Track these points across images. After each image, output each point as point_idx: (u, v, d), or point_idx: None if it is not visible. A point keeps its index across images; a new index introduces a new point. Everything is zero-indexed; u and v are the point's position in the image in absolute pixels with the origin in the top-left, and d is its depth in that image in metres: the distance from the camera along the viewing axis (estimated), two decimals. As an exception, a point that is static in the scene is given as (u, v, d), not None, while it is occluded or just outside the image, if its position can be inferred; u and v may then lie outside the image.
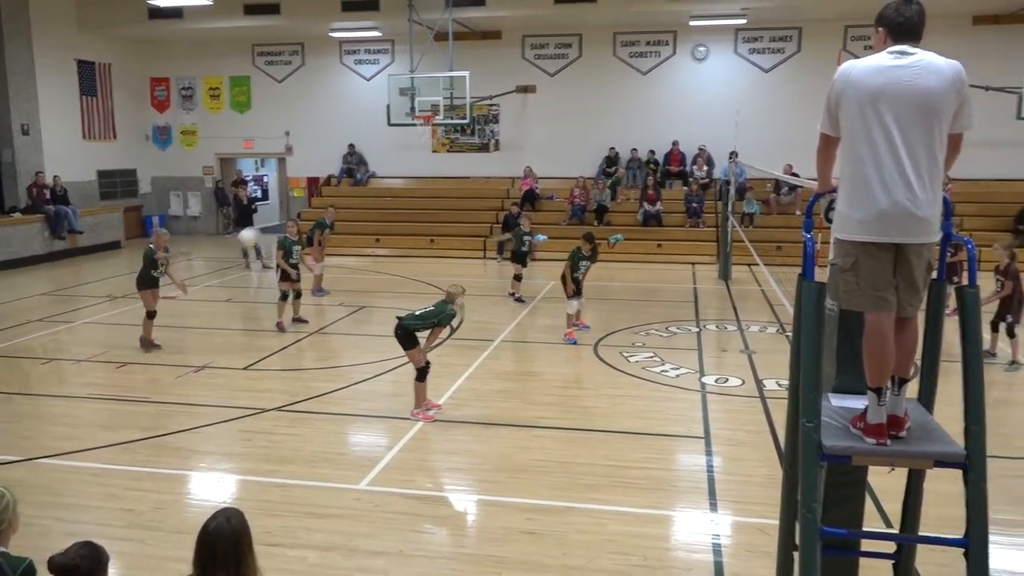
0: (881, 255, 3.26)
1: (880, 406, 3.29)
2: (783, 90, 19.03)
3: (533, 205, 19.28)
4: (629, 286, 14.83)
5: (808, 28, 18.96)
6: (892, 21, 3.29)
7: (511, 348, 10.22)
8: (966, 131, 3.31)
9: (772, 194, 18.68)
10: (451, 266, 16.58)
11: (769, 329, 11.12)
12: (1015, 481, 6.03)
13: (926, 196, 3.19)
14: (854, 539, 3.92)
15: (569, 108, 20.30)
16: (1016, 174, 18.28)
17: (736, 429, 7.22)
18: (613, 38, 20.08)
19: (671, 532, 5.37)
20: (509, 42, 20.43)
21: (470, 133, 21.11)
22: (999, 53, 16.91)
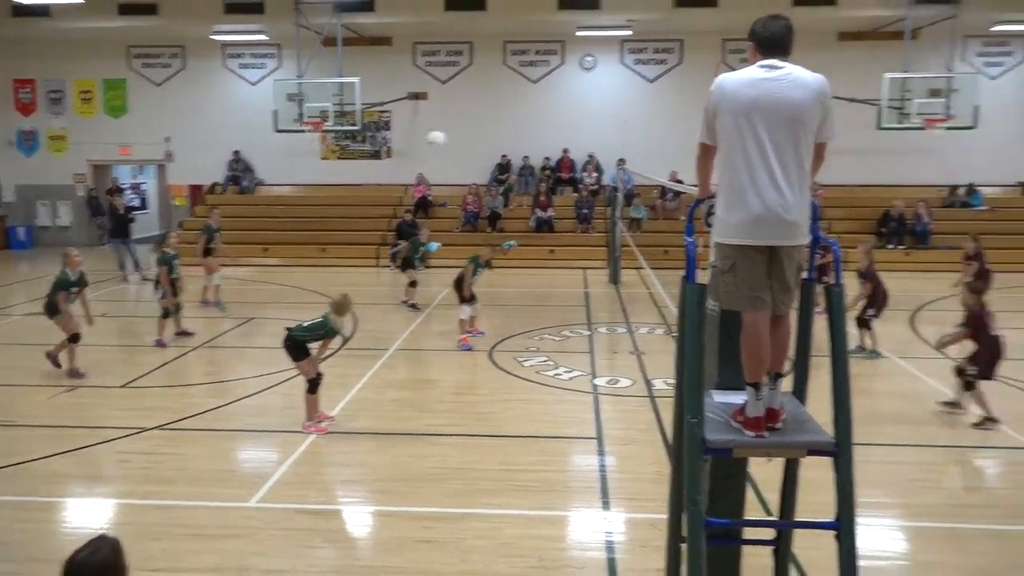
0: (756, 257, 3.44)
1: (758, 400, 3.46)
2: (667, 100, 19.74)
3: (426, 212, 19.22)
4: (522, 291, 15.00)
5: (689, 41, 19.75)
6: (760, 35, 3.48)
7: (405, 356, 10.15)
8: (829, 140, 3.54)
9: (658, 200, 19.32)
10: (343, 275, 16.31)
11: (657, 330, 11.48)
12: (881, 466, 6.44)
13: (795, 201, 3.39)
14: (737, 528, 4.10)
15: (461, 115, 20.37)
16: (878, 180, 19.62)
17: (627, 428, 7.41)
18: (503, 46, 20.30)
19: (566, 532, 5.46)
20: (400, 48, 20.32)
21: (361, 140, 20.85)
22: (862, 67, 18.10)
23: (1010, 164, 19.61)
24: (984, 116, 17.26)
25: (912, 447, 6.94)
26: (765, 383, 3.49)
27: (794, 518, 3.96)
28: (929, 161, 19.36)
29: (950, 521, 5.49)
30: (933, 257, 17.31)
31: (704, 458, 3.44)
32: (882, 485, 6.08)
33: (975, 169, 19.45)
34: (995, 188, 19.63)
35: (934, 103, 16.46)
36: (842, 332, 3.52)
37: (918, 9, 16.38)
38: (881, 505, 5.74)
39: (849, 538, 3.27)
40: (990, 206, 19.05)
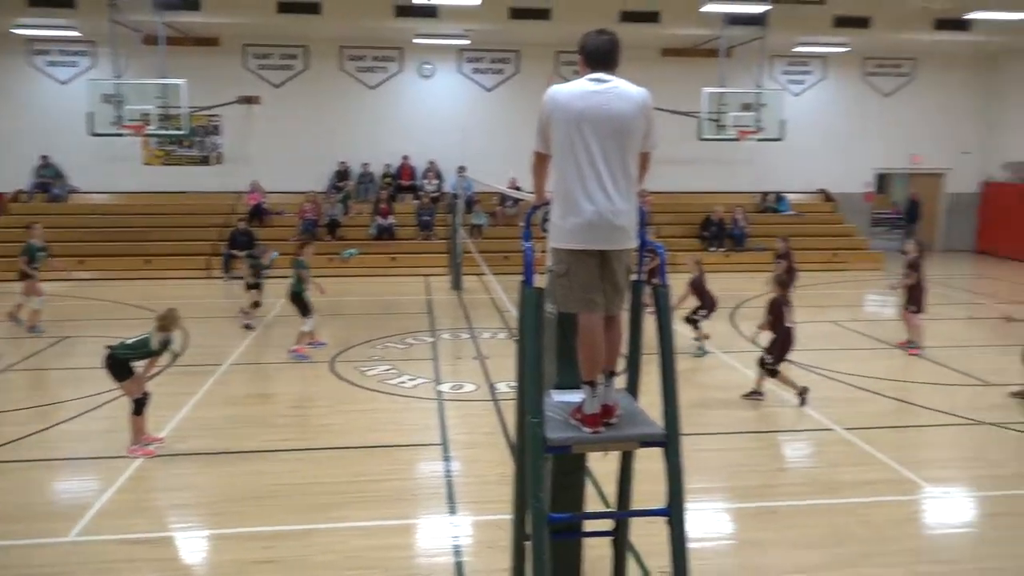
0: (589, 261, 3.60)
1: (594, 398, 3.62)
2: (505, 108, 20.13)
3: (261, 221, 18.50)
4: (365, 300, 14.79)
5: (525, 51, 20.26)
6: (588, 49, 3.66)
7: (241, 371, 9.72)
8: (653, 150, 3.77)
9: (498, 207, 19.66)
10: (171, 288, 15.40)
11: (499, 335, 11.68)
12: (707, 454, 6.90)
13: (624, 207, 3.57)
14: (577, 522, 4.26)
15: (297, 121, 19.80)
16: (699, 187, 20.98)
17: (471, 432, 7.49)
18: (340, 51, 19.94)
19: (413, 540, 5.45)
20: (229, 50, 19.44)
21: (188, 145, 19.76)
22: (683, 82, 19.27)
23: (812, 173, 21.58)
24: (789, 129, 18.90)
25: (735, 434, 7.48)
26: (600, 381, 3.66)
27: (630, 508, 4.16)
28: (744, 170, 20.96)
29: (769, 500, 5.96)
30: (749, 258, 18.73)
31: (545, 456, 3.55)
32: (709, 471, 6.51)
33: (783, 177, 21.26)
34: (800, 195, 21.53)
35: (746, 116, 17.82)
36: (669, 330, 3.75)
37: (731, 29, 17.67)
38: (708, 490, 6.15)
39: (679, 523, 3.48)
40: (796, 211, 20.89)
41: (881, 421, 7.79)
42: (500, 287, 13.08)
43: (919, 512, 5.87)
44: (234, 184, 19.67)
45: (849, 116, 21.59)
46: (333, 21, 17.42)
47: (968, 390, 8.88)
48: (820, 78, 21.56)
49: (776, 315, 8.18)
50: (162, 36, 16.28)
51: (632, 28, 17.64)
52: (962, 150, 22.02)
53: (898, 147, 21.82)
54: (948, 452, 7.07)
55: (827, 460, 6.88)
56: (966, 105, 21.87)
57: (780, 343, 8.14)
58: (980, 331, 12.33)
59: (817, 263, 18.38)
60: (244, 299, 12.32)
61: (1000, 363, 9.92)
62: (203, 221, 18.77)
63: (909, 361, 10.27)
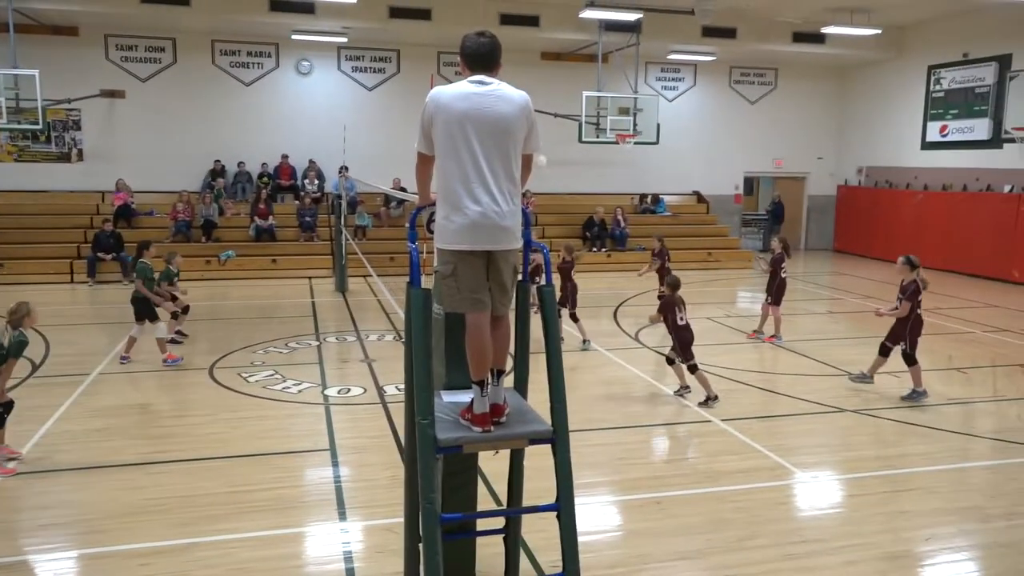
0: (475, 262, 3.64)
1: (483, 397, 3.66)
2: (386, 108, 19.93)
3: (129, 222, 17.54)
4: (244, 304, 14.30)
5: (405, 51, 20.12)
6: (468, 51, 3.71)
7: (112, 381, 9.17)
8: (535, 152, 3.85)
9: (383, 207, 19.44)
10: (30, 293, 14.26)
11: (387, 337, 11.56)
12: (595, 449, 7.08)
13: (508, 208, 3.63)
14: (470, 520, 4.29)
15: (166, 117, 18.89)
16: (581, 188, 21.51)
17: (360, 436, 7.39)
18: (212, 45, 19.16)
19: (302, 549, 5.32)
20: (89, 40, 18.31)
21: (45, 140, 18.48)
22: (563, 85, 19.72)
23: (686, 175, 22.55)
24: (664, 133, 19.68)
25: (620, 428, 7.71)
26: (488, 380, 3.70)
27: (522, 505, 4.23)
28: (623, 172, 21.64)
29: (655, 491, 6.19)
30: (630, 258, 19.35)
31: (436, 457, 3.56)
32: (596, 466, 6.69)
33: (660, 179, 22.10)
34: (676, 196, 22.43)
35: (623, 120, 18.42)
36: (555, 328, 3.85)
37: (608, 36, 18.21)
38: (596, 484, 6.32)
39: (569, 517, 3.57)
40: (672, 212, 21.75)
41: (755, 411, 8.23)
42: (386, 289, 12.94)
43: (791, 496, 6.25)
44: (98, 183, 18.58)
45: (719, 122, 22.69)
46: (203, 13, 16.75)
47: (830, 380, 9.52)
48: (691, 85, 22.53)
49: (667, 314, 8.43)
50: (11, 22, 15.15)
51: (512, 31, 17.91)
52: (818, 156, 23.58)
53: (763, 152, 23.14)
54: (816, 439, 7.54)
55: (707, 451, 7.20)
56: (823, 113, 23.45)
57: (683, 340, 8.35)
58: (839, 324, 13.23)
59: (692, 262, 19.21)
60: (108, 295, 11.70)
61: (857, 353, 10.70)
62: (65, 222, 17.61)
63: (777, 353, 10.90)
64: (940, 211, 19.59)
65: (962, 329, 12.55)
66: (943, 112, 19.61)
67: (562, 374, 3.73)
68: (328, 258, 17.47)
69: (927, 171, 20.23)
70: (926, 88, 20.07)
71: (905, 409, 8.30)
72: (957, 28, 18.95)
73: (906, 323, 8.48)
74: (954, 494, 6.22)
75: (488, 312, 3.72)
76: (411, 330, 3.68)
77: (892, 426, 7.85)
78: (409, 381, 3.83)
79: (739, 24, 19.25)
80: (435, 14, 17.58)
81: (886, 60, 21.12)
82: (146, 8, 16.27)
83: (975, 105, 18.65)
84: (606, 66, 19.00)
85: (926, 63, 19.99)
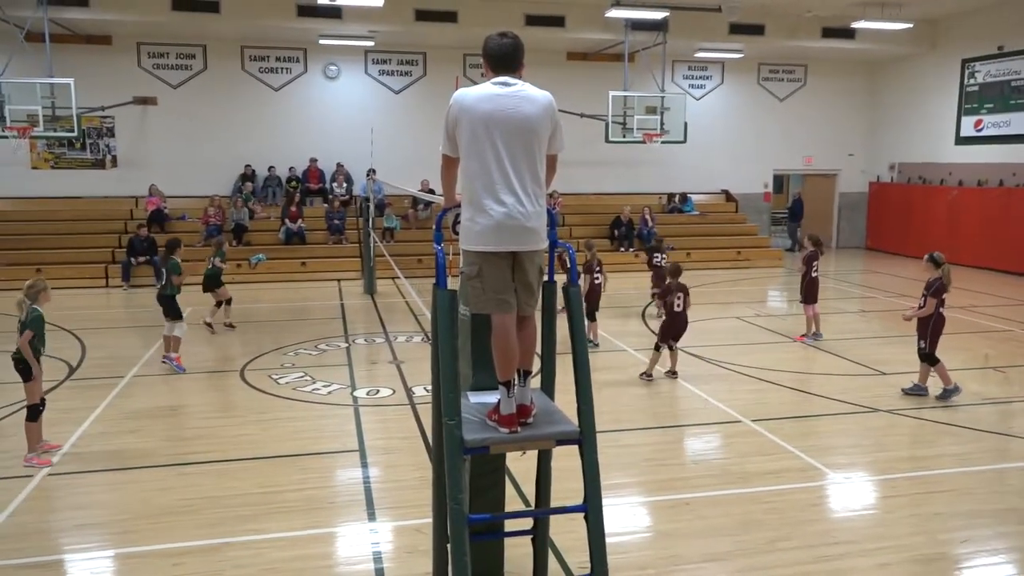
0: (501, 263, 3.64)
1: (510, 398, 3.66)
2: (413, 111, 20.02)
3: (162, 227, 17.81)
4: (275, 307, 14.45)
5: (432, 54, 20.21)
6: (490, 52, 3.71)
7: (145, 383, 9.32)
8: (560, 152, 3.84)
9: (410, 209, 19.54)
10: (66, 298, 14.60)
11: (415, 338, 11.61)
12: (623, 450, 7.05)
13: (533, 209, 3.63)
14: (498, 521, 4.29)
15: (197, 123, 19.16)
16: (608, 189, 21.44)
17: (389, 438, 7.43)
18: (241, 51, 19.41)
19: (332, 549, 5.36)
20: (122, 48, 18.64)
21: (80, 148, 18.84)
22: (589, 85, 19.67)
23: (714, 174, 22.35)
24: (692, 132, 19.53)
25: (648, 429, 7.67)
26: (515, 381, 3.70)
27: (549, 506, 4.22)
28: (650, 171, 21.51)
29: (682, 492, 6.14)
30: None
31: (464, 458, 3.56)
32: (625, 466, 6.66)
33: (688, 178, 21.93)
34: (704, 195, 22.26)
35: (650, 119, 18.30)
36: (581, 328, 3.83)
37: (634, 35, 18.12)
38: (625, 485, 6.29)
39: (597, 518, 3.56)
40: (700, 211, 21.58)
41: (785, 412, 8.14)
42: (414, 290, 12.99)
43: (823, 498, 6.17)
44: (131, 188, 18.90)
45: (747, 119, 22.47)
46: (232, 20, 16.97)
47: (863, 379, 9.38)
48: (719, 83, 22.34)
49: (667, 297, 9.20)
50: (47, 33, 15.47)
51: (538, 31, 17.90)
52: (849, 152, 23.26)
53: (793, 149, 22.87)
54: (848, 439, 7.44)
55: (736, 451, 7.13)
56: (853, 109, 23.11)
57: (666, 325, 9.16)
58: (872, 323, 13.04)
59: (722, 261, 19.06)
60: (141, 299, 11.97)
61: (891, 353, 10.54)
62: (99, 227, 17.94)
63: (808, 352, 10.77)
64: (975, 207, 19.21)
65: (999, 327, 12.29)
66: (978, 106, 19.24)
67: (589, 374, 3.71)
68: (357, 260, 17.59)
69: (961, 167, 19.85)
70: (960, 82, 19.70)
71: (940, 409, 8.15)
72: (992, 21, 18.58)
73: (928, 321, 8.34)
74: (991, 496, 6.09)
75: (514, 313, 3.72)
76: (437, 331, 3.69)
77: (927, 426, 7.71)
78: (436, 382, 3.84)
79: (767, 20, 19.05)
80: (461, 16, 17.63)
81: (918, 54, 20.77)
82: (177, 16, 16.52)
83: (1011, 99, 18.26)
84: (632, 65, 18.90)
85: (960, 57, 19.62)
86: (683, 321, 9.10)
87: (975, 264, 18.22)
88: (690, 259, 19.22)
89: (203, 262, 12.23)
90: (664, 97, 18.55)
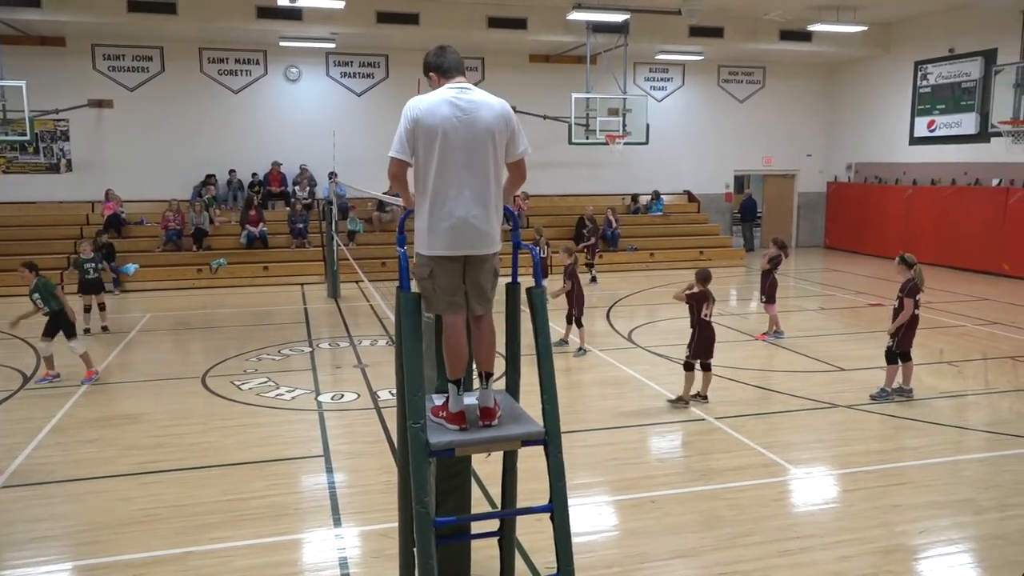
0: (452, 266, 3.67)
1: (459, 396, 3.73)
2: (376, 113, 19.91)
3: (119, 231, 17.48)
4: (237, 311, 14.26)
5: (394, 56, 20.12)
6: (439, 65, 3.74)
7: (104, 391, 9.14)
8: (526, 155, 3.86)
9: (374, 212, 19.42)
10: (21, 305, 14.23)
11: (380, 342, 11.55)
12: (590, 450, 7.09)
13: (488, 213, 3.65)
14: (464, 523, 4.29)
15: (155, 126, 18.85)
16: (573, 190, 21.55)
17: (354, 442, 7.38)
18: (199, 53, 19.14)
19: (298, 556, 5.31)
20: (76, 50, 18.27)
21: (33, 152, 18.42)
22: (551, 87, 19.77)
23: (677, 175, 22.60)
24: (654, 133, 19.72)
25: (614, 429, 7.72)
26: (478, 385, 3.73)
27: (515, 507, 4.23)
28: (614, 172, 21.67)
29: (649, 490, 6.19)
30: (622, 259, 19.40)
31: (429, 460, 3.56)
32: (591, 466, 6.69)
33: (651, 179, 22.14)
34: (667, 196, 22.47)
35: (613, 121, 18.44)
36: (545, 330, 3.85)
37: (595, 37, 18.24)
38: (591, 484, 6.32)
39: (562, 518, 3.57)
40: (663, 212, 21.79)
41: (749, 409, 8.25)
42: (378, 294, 12.93)
43: (785, 493, 6.26)
44: (87, 193, 18.54)
45: (708, 121, 22.76)
46: (190, 22, 16.72)
47: (823, 376, 9.55)
48: (680, 85, 22.59)
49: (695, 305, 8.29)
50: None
51: (500, 34, 17.93)
52: (807, 153, 23.67)
53: (753, 150, 23.22)
54: (809, 435, 7.56)
55: (700, 449, 7.22)
56: (811, 110, 23.54)
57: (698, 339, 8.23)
58: (831, 320, 13.27)
59: (685, 261, 19.26)
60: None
61: (849, 349, 10.75)
62: (54, 233, 17.55)
63: (770, 350, 10.93)
64: (929, 206, 19.68)
65: (953, 323, 12.60)
66: (930, 107, 19.71)
67: (553, 375, 3.73)
68: (320, 264, 17.44)
69: (916, 166, 20.32)
70: (913, 84, 20.17)
71: (898, 404, 8.33)
72: (942, 24, 19.06)
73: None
74: (947, 487, 6.25)
75: (463, 314, 3.77)
76: (401, 334, 3.68)
77: (886, 421, 7.88)
78: (400, 384, 3.83)
79: (726, 23, 19.32)
80: (423, 18, 17.58)
81: (873, 57, 21.22)
82: (133, 17, 16.24)
83: (962, 100, 18.75)
84: (594, 67, 19.03)
85: (912, 59, 20.09)
86: (712, 333, 8.26)
87: (929, 261, 18.61)
88: (653, 259, 19.44)
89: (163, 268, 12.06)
90: (626, 99, 18.70)
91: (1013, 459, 6.84)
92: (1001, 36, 17.52)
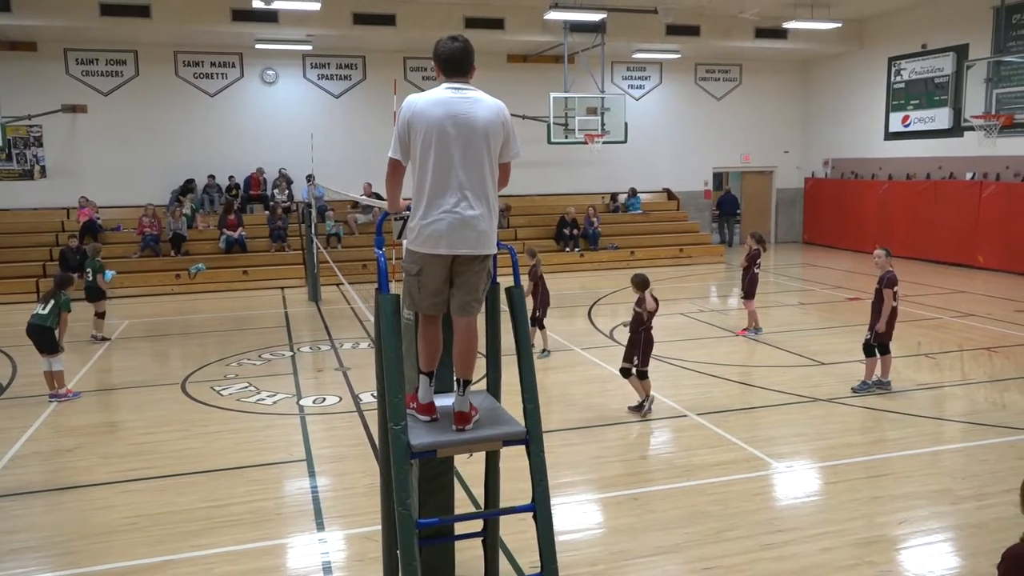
0: (441, 264, 3.66)
1: (430, 387, 3.80)
2: (354, 115, 19.84)
3: (95, 237, 17.26)
4: (217, 316, 14.15)
5: (371, 57, 20.05)
6: (440, 55, 3.70)
7: (82, 400, 9.02)
8: (515, 159, 3.85)
9: (348, 213, 19.32)
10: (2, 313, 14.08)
11: (361, 344, 11.50)
12: (572, 448, 7.10)
13: (483, 213, 3.64)
14: (447, 525, 4.28)
15: (130, 130, 18.66)
16: (553, 189, 21.57)
17: (337, 446, 7.34)
18: (174, 57, 18.96)
19: (281, 561, 5.27)
20: (48, 55, 18.04)
21: (6, 158, 18.16)
22: (530, 87, 19.76)
23: (656, 172, 22.68)
24: (632, 132, 19.78)
25: (596, 427, 7.73)
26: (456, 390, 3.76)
27: (498, 507, 4.23)
28: (593, 171, 21.72)
29: (632, 488, 6.22)
30: (603, 257, 19.44)
31: (411, 462, 3.55)
32: (574, 465, 6.71)
33: (630, 178, 22.21)
34: (646, 194, 22.57)
35: (591, 120, 18.47)
36: (525, 329, 3.85)
37: (573, 36, 18.27)
38: (574, 483, 6.33)
39: (545, 517, 3.57)
40: (643, 210, 21.87)
41: (730, 404, 8.31)
42: (359, 296, 12.88)
43: (767, 487, 6.31)
44: (62, 199, 18.31)
45: (686, 119, 22.87)
46: (164, 25, 16.57)
47: (803, 370, 9.63)
48: (658, 83, 22.68)
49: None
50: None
51: (477, 34, 17.90)
52: (784, 149, 23.86)
53: (731, 147, 23.36)
54: (790, 429, 7.62)
55: (683, 445, 7.25)
56: (788, 107, 23.72)
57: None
58: (810, 315, 13.39)
59: (665, 258, 19.34)
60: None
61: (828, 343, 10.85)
62: (29, 240, 17.32)
63: (750, 346, 11.00)
64: (905, 200, 19.89)
65: (929, 315, 12.75)
66: (904, 103, 19.93)
67: (534, 374, 3.74)
68: (300, 267, 17.34)
69: (891, 161, 20.54)
70: (887, 79, 20.39)
71: (877, 396, 8.42)
72: (915, 20, 19.28)
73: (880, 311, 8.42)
74: (926, 478, 6.32)
75: (442, 313, 3.81)
76: (382, 335, 3.67)
77: (864, 413, 7.95)
78: (381, 386, 3.82)
79: (702, 22, 19.42)
80: (399, 19, 17.54)
81: (847, 53, 21.42)
82: (106, 21, 16.06)
83: (935, 95, 18.97)
84: (572, 67, 19.05)
85: (886, 55, 20.31)
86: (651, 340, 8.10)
87: (905, 255, 18.86)
88: (634, 257, 19.50)
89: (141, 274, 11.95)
90: (604, 98, 18.75)
91: (989, 449, 6.93)
92: (972, 32, 17.75)
